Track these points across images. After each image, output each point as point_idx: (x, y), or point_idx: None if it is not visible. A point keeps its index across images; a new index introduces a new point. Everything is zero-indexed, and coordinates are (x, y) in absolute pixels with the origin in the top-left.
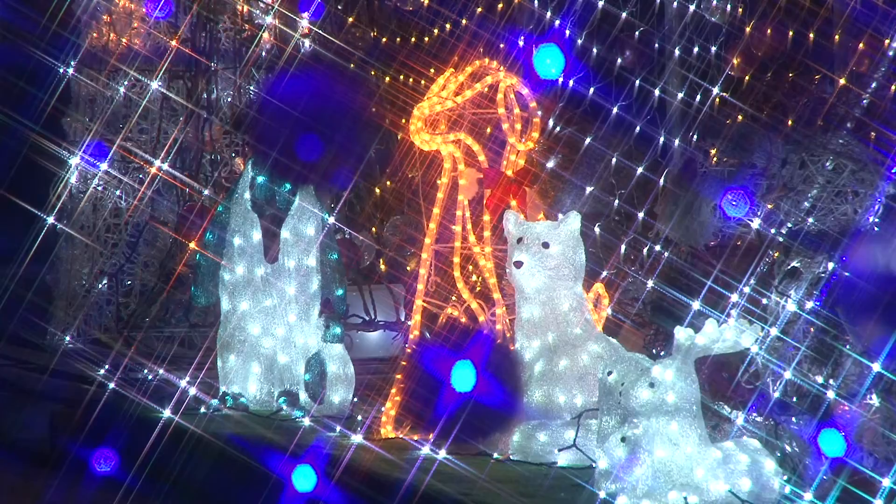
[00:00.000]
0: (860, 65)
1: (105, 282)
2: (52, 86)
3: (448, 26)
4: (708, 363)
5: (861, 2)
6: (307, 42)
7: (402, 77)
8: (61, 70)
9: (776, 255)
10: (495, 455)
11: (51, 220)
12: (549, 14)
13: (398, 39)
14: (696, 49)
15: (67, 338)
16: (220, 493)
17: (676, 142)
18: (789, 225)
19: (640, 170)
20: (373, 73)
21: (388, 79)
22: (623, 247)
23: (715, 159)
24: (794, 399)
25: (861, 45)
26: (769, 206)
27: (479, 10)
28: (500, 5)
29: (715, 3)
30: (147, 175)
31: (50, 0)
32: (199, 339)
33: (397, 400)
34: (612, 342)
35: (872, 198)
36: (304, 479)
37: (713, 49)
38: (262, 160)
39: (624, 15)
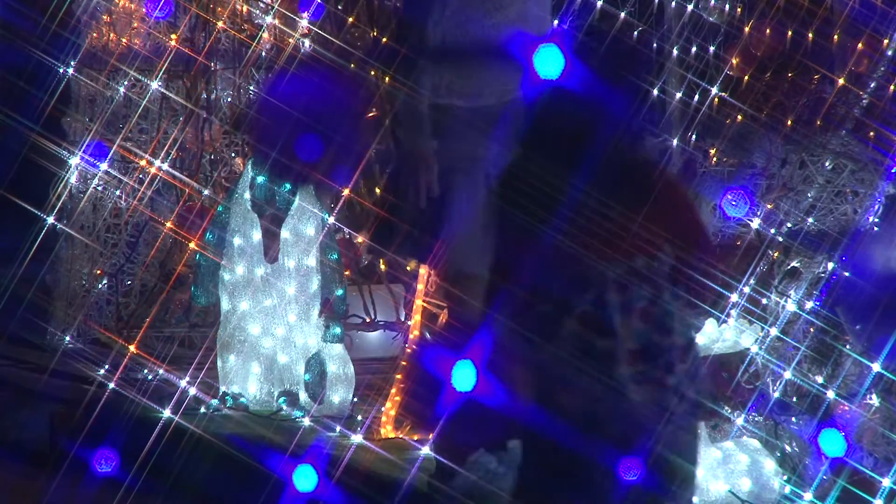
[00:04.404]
0: (859, 65)
1: (105, 282)
2: (52, 86)
3: None
4: (708, 363)
5: (860, 2)
6: (307, 42)
7: None
8: (61, 70)
9: (776, 255)
10: None
11: (51, 220)
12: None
13: None
14: (694, 49)
15: (67, 338)
16: (220, 493)
17: (675, 142)
18: (789, 225)
19: None
20: (372, 73)
21: (388, 79)
22: None
23: (714, 159)
24: (794, 399)
25: (860, 45)
26: (769, 206)
27: None
28: None
29: (713, 2)
30: (147, 175)
31: (50, 0)
32: (199, 339)
33: (397, 400)
34: None
35: (872, 198)
36: (304, 479)
37: (712, 49)
38: (262, 160)
39: (623, 15)
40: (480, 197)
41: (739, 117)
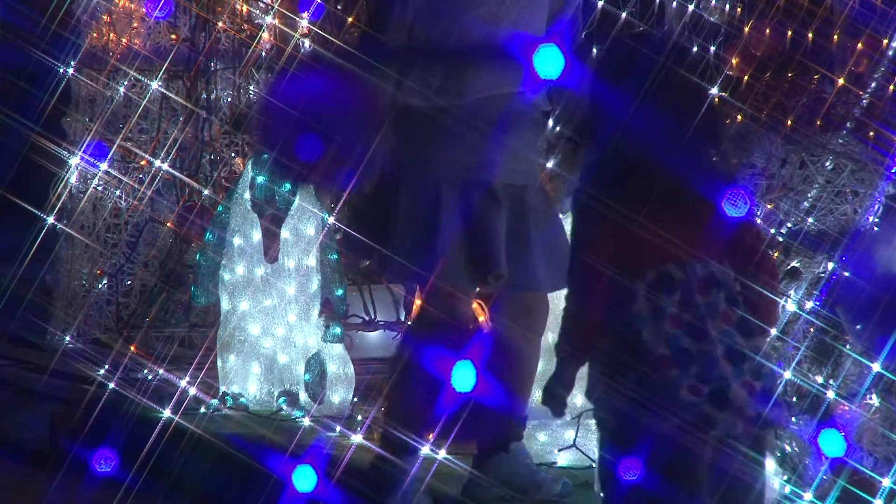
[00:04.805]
0: (859, 65)
1: (105, 282)
2: (52, 86)
3: None
4: None
5: (860, 2)
6: (307, 42)
7: None
8: (61, 70)
9: (776, 255)
10: None
11: (51, 220)
12: None
13: None
14: (694, 49)
15: (67, 338)
16: (220, 493)
17: None
18: (789, 225)
19: None
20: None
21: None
22: None
23: (715, 159)
24: (794, 399)
25: (860, 45)
26: (769, 206)
27: None
28: None
29: (714, 2)
30: (147, 175)
31: (50, 0)
32: (199, 339)
33: None
34: None
35: (872, 198)
36: (304, 479)
37: (712, 49)
38: (265, 160)
39: (624, 15)
40: (429, 203)
41: (739, 117)
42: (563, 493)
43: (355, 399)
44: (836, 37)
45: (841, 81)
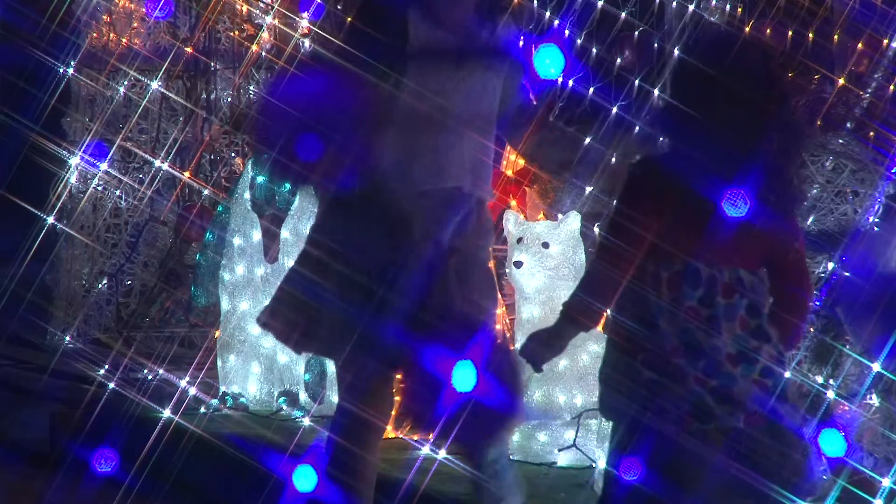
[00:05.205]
0: (859, 65)
1: (105, 282)
2: (52, 86)
3: None
4: None
5: (860, 2)
6: (307, 42)
7: None
8: (61, 70)
9: None
10: None
11: (51, 220)
12: (548, 14)
13: None
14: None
15: (67, 338)
16: (220, 493)
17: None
18: None
19: None
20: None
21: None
22: None
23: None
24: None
25: (860, 45)
26: None
27: None
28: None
29: (714, 2)
30: (147, 175)
31: (50, 0)
32: (199, 339)
33: (397, 400)
34: None
35: (872, 198)
36: (304, 479)
37: None
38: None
39: (623, 15)
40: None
41: None
42: None
43: None
44: (836, 37)
45: (841, 81)
